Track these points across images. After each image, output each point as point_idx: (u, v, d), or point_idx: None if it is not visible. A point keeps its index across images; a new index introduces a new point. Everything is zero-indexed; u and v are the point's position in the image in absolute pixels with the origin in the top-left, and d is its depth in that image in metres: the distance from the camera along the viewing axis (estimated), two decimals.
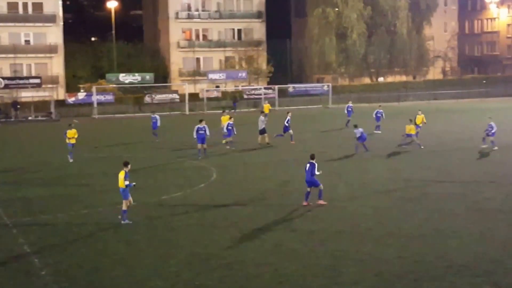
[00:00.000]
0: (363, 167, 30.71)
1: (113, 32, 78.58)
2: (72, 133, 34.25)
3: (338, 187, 25.70)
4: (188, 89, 71.70)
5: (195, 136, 34.06)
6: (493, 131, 34.94)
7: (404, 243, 17.84)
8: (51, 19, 76.63)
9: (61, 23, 78.44)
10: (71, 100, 68.57)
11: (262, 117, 39.22)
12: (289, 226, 20.02)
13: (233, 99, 72.01)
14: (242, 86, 78.77)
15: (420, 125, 38.70)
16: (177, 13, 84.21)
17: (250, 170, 30.55)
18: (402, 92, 78.75)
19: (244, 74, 79.78)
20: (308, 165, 22.33)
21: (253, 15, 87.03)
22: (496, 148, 34.80)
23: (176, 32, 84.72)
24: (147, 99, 70.98)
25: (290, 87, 77.63)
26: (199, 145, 33.94)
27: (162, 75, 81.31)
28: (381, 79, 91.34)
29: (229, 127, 37.22)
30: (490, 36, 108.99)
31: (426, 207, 22.07)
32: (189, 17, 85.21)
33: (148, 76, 73.27)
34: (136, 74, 73.30)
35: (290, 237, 18.75)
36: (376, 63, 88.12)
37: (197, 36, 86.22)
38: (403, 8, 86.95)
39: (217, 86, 79.26)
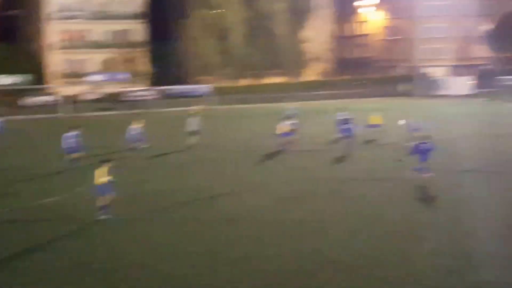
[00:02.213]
0: (241, 167, 31.15)
1: None
2: None
3: (215, 186, 26.02)
4: (67, 91, 69.90)
5: (65, 146, 31.31)
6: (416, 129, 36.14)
7: (282, 241, 18.24)
8: None
9: None
10: None
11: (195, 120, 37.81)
12: (166, 227, 20.08)
13: (113, 101, 71.23)
14: (124, 88, 77.69)
15: (379, 124, 39.87)
16: (56, 14, 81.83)
17: (130, 172, 30.23)
18: (281, 94, 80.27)
19: (125, 76, 78.77)
20: (422, 143, 25.93)
21: (135, 16, 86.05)
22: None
23: (55, 32, 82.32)
24: (23, 101, 68.63)
25: (172, 89, 77.38)
26: (72, 155, 31.25)
27: (40, 77, 78.80)
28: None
29: (136, 133, 35.57)
30: (363, 39, 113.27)
31: (303, 206, 22.59)
32: (69, 17, 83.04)
33: (25, 78, 70.85)
34: (13, 76, 70.69)
35: (167, 237, 18.87)
36: (256, 64, 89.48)
37: (77, 37, 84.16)
38: (282, 10, 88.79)
39: (97, 88, 77.75)
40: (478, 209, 21.32)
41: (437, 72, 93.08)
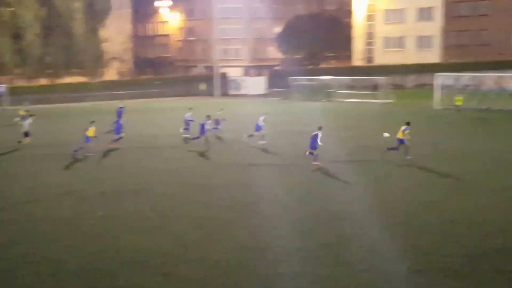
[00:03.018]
0: (37, 168, 30.20)
1: None
2: None
3: (15, 191, 25.08)
4: None
5: None
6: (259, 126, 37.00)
7: (80, 242, 18.09)
8: None
9: None
10: None
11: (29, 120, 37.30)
12: None
13: None
14: None
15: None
16: None
17: None
18: (80, 93, 78.46)
19: None
20: (314, 133, 29.15)
21: None
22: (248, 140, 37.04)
23: None
24: None
25: None
26: None
27: None
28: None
29: None
30: (162, 39, 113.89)
31: (104, 206, 22.49)
32: None
33: None
34: None
35: None
36: (53, 64, 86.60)
37: None
38: (79, 10, 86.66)
39: None
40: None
41: (234, 72, 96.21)
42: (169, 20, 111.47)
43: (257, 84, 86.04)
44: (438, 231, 18.57)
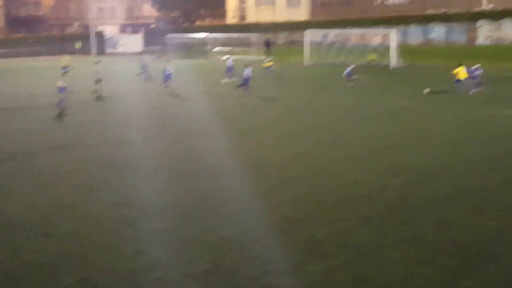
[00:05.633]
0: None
1: None
2: None
3: None
4: None
5: None
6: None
7: None
8: None
9: None
10: None
11: None
12: None
13: None
14: None
15: None
16: None
17: None
18: None
19: None
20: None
21: None
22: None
23: None
24: None
25: None
26: None
27: None
28: None
29: None
30: None
31: None
32: None
33: None
34: None
35: None
36: None
37: None
38: None
39: None
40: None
41: (110, 30, 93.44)
42: None
43: (134, 42, 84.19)
44: (309, 181, 19.02)
